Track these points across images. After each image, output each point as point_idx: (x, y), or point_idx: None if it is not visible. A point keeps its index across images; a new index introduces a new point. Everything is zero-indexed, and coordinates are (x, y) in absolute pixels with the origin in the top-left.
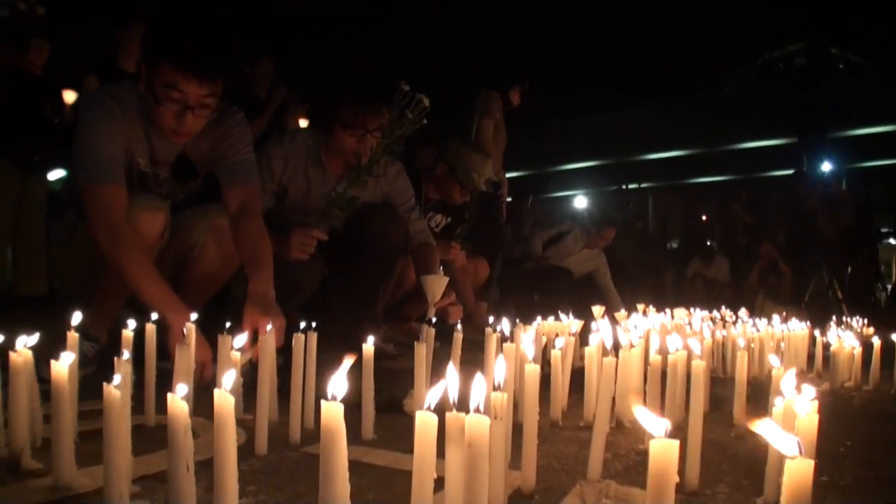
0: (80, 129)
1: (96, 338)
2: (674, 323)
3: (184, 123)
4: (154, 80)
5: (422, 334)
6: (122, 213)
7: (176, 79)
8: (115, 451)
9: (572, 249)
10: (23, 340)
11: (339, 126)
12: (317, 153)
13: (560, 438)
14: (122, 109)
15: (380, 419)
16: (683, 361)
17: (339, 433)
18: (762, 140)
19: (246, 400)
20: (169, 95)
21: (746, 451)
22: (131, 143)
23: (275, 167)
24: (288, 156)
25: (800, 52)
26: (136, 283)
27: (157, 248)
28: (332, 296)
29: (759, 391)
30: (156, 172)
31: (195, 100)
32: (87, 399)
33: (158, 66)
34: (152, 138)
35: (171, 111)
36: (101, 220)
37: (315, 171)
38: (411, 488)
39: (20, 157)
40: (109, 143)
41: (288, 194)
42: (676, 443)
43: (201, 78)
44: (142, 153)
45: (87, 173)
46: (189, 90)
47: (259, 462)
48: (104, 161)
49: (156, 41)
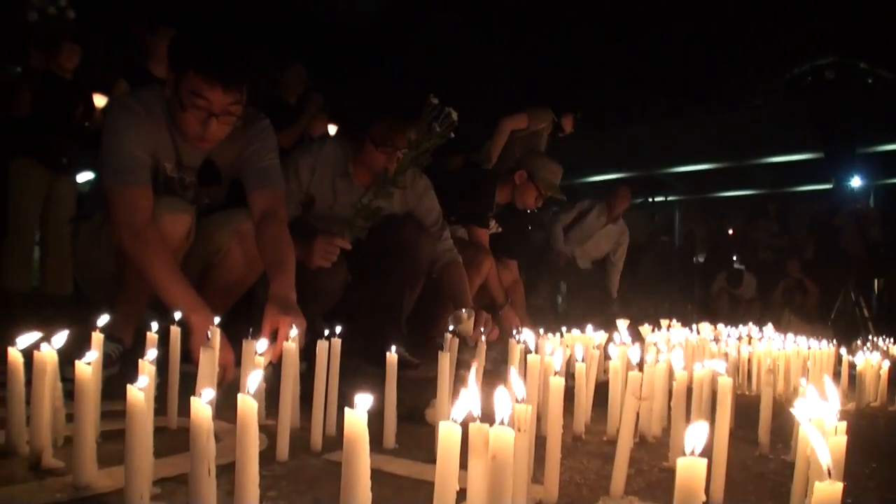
0: (107, 131)
1: (121, 339)
2: (699, 339)
3: (208, 130)
4: (180, 87)
5: (445, 344)
6: (148, 215)
7: (201, 86)
8: (136, 452)
9: (596, 226)
10: (48, 340)
11: (370, 142)
12: (344, 163)
13: (583, 452)
14: (148, 114)
15: (401, 428)
16: (709, 378)
17: (363, 441)
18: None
19: (268, 405)
20: (194, 102)
21: (772, 471)
22: (157, 147)
23: (302, 175)
24: (316, 165)
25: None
26: (160, 285)
27: (182, 251)
28: (356, 303)
29: (784, 410)
30: (181, 177)
31: (220, 107)
32: (110, 399)
33: (184, 73)
34: (178, 143)
35: (196, 117)
36: (126, 221)
37: (342, 181)
38: (433, 499)
39: (49, 159)
40: (135, 146)
41: (314, 203)
42: (704, 461)
43: (226, 86)
44: (168, 157)
45: (113, 175)
46: (213, 98)
47: (280, 468)
48: (130, 163)
49: (182, 48)
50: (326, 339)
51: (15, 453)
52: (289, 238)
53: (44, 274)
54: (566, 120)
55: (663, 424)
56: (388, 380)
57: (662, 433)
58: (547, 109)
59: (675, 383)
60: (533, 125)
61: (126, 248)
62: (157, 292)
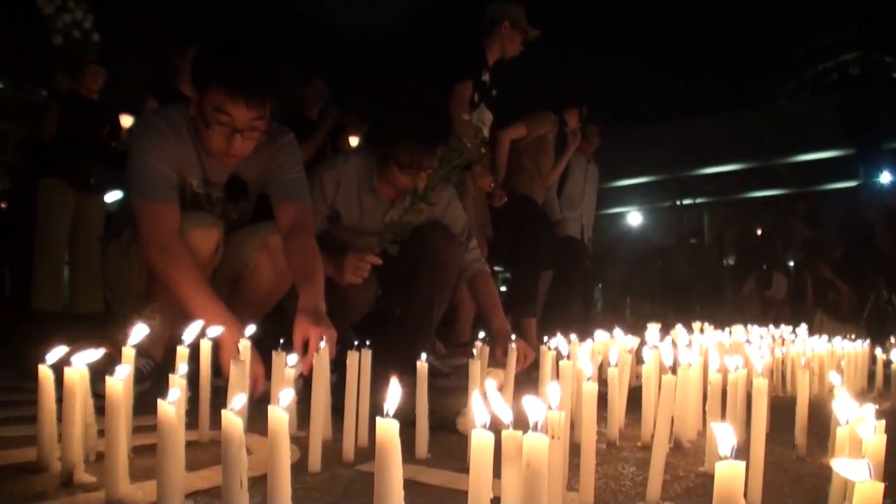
0: (133, 149)
1: (151, 355)
2: (732, 341)
3: (233, 146)
4: (204, 103)
5: (475, 352)
6: (174, 231)
7: (224, 102)
8: (169, 466)
9: (580, 176)
10: (79, 357)
11: (394, 165)
12: (369, 177)
13: (618, 459)
14: (173, 131)
15: (433, 437)
16: (744, 380)
17: (395, 451)
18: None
19: (299, 417)
20: (217, 118)
21: (809, 473)
22: (183, 163)
23: (327, 190)
24: (340, 179)
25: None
26: (188, 300)
27: (211, 266)
28: (386, 313)
29: (820, 411)
30: (208, 193)
31: (243, 123)
32: (141, 414)
33: (207, 89)
34: (204, 159)
35: (221, 134)
36: (153, 237)
37: (367, 195)
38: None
39: (77, 180)
40: (161, 163)
41: (340, 217)
42: (742, 465)
43: (249, 101)
44: (194, 174)
45: (140, 192)
46: (237, 113)
47: (312, 479)
48: (156, 180)
49: (204, 65)
50: (357, 350)
51: (47, 469)
52: (316, 248)
53: (74, 293)
54: (570, 116)
55: (698, 429)
56: (419, 389)
57: (698, 437)
58: (546, 113)
59: (710, 386)
60: (533, 132)
61: (153, 264)
62: (186, 307)
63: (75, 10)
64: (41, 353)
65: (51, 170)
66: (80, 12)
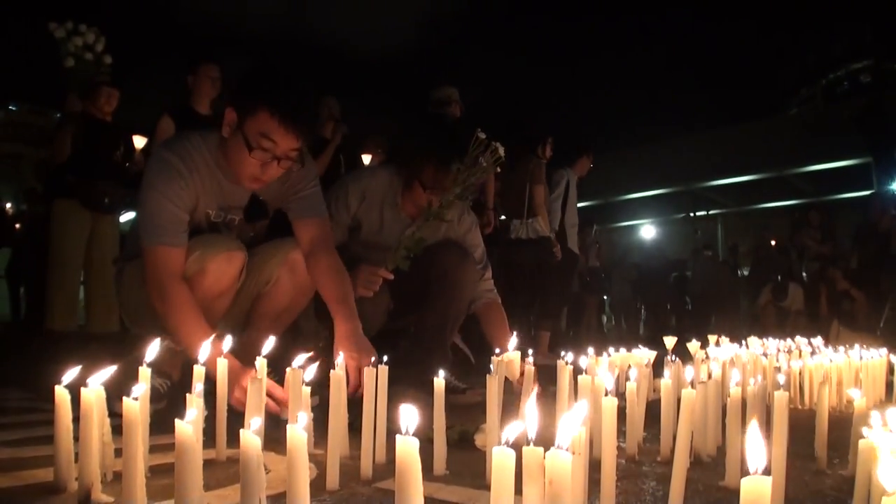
0: (146, 187)
1: (168, 374)
2: (749, 354)
3: (267, 173)
4: (247, 127)
5: (493, 367)
6: (178, 275)
7: (274, 129)
8: (187, 486)
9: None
10: (95, 376)
11: (418, 184)
12: (393, 194)
13: (637, 474)
14: (190, 167)
15: (451, 454)
16: (763, 393)
17: (415, 469)
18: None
19: (316, 434)
20: (261, 143)
21: (830, 487)
22: (199, 199)
23: (351, 201)
24: (366, 192)
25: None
26: (187, 345)
27: (235, 289)
28: (402, 330)
29: (839, 423)
30: (230, 218)
31: (284, 151)
32: (157, 434)
33: (254, 114)
34: (224, 186)
35: (260, 159)
36: (156, 280)
37: (390, 210)
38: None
39: (91, 201)
40: (174, 204)
41: (362, 229)
42: (769, 480)
43: (299, 132)
44: (212, 204)
45: (148, 234)
46: (283, 142)
47: (330, 497)
48: (166, 223)
49: (255, 89)
50: (374, 366)
51: (64, 490)
52: (343, 268)
53: (89, 313)
54: (581, 164)
55: (717, 443)
56: (437, 405)
57: (717, 452)
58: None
59: (730, 400)
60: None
61: (155, 305)
62: (187, 351)
63: (87, 34)
64: (57, 373)
65: (65, 191)
66: (92, 35)
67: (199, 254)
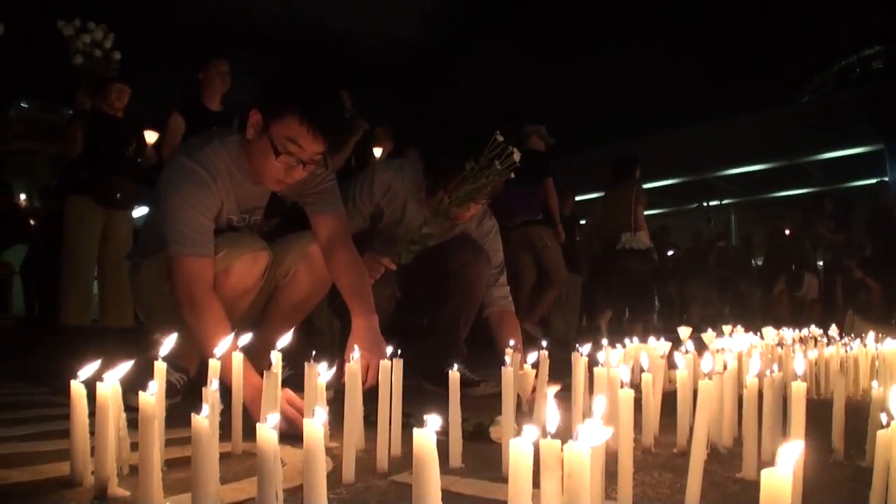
0: (170, 198)
1: (185, 369)
2: (764, 343)
3: (291, 176)
4: (273, 130)
5: (508, 359)
6: (208, 286)
7: (303, 135)
8: (203, 480)
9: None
10: (110, 371)
11: (442, 191)
12: (418, 189)
13: (654, 465)
14: (212, 174)
15: (466, 447)
16: (780, 384)
17: (432, 461)
18: (843, 149)
19: (332, 428)
20: (287, 148)
21: (848, 478)
22: (224, 204)
23: (375, 190)
24: (393, 183)
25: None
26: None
27: (258, 288)
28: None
29: (856, 413)
30: (254, 220)
31: (310, 156)
32: (173, 427)
33: (282, 118)
34: (247, 189)
35: (285, 163)
36: (186, 291)
37: (413, 205)
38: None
39: (104, 196)
40: (201, 214)
41: (383, 218)
42: (790, 474)
43: (329, 139)
44: (234, 210)
45: (178, 243)
46: (310, 147)
47: (346, 490)
48: (195, 233)
49: (284, 93)
50: (389, 360)
51: (80, 484)
52: (360, 262)
53: (103, 308)
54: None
55: (734, 434)
56: (452, 398)
57: (734, 443)
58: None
59: (746, 391)
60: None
61: (185, 316)
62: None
63: (95, 31)
64: (72, 367)
65: (78, 187)
66: (101, 32)
67: (225, 253)
